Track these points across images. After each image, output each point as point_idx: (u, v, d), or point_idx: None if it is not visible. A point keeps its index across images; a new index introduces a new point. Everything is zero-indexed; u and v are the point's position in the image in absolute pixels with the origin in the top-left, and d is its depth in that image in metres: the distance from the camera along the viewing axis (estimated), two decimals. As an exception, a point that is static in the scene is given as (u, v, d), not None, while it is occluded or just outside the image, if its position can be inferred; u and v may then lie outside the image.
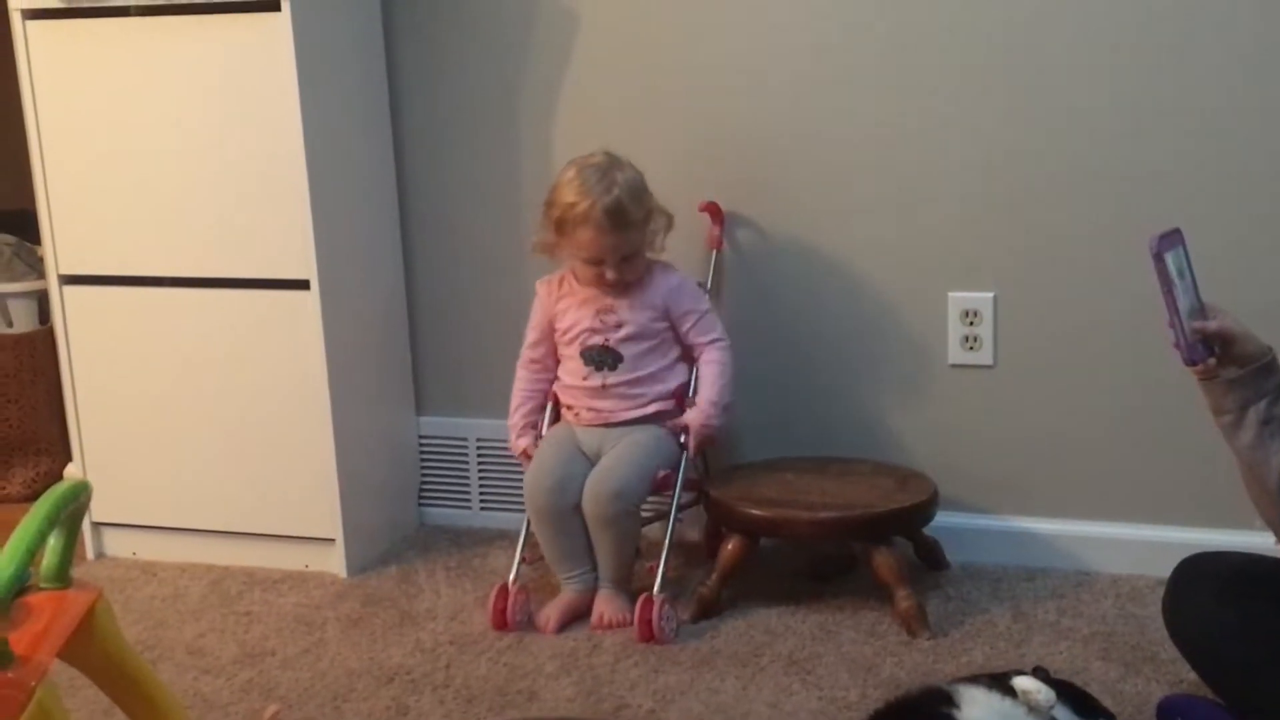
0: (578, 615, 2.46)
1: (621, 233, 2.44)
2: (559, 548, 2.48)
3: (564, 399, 2.60)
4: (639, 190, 2.47)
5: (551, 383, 2.62)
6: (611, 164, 2.47)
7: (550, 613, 2.45)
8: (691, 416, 2.52)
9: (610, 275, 2.47)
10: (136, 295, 2.75)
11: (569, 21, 2.72)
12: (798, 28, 2.60)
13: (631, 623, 2.39)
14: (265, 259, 2.65)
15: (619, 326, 2.51)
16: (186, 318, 2.73)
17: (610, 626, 2.42)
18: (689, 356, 2.58)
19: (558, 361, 2.61)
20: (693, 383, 2.57)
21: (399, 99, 2.85)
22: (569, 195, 2.45)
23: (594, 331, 2.53)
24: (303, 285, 2.63)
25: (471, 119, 2.82)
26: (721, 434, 2.60)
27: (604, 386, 2.53)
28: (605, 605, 2.45)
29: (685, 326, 2.54)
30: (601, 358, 2.53)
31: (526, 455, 2.56)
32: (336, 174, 2.67)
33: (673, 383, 2.55)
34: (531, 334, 2.62)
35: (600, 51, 2.72)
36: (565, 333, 2.56)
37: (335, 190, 2.66)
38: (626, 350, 2.52)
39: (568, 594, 2.48)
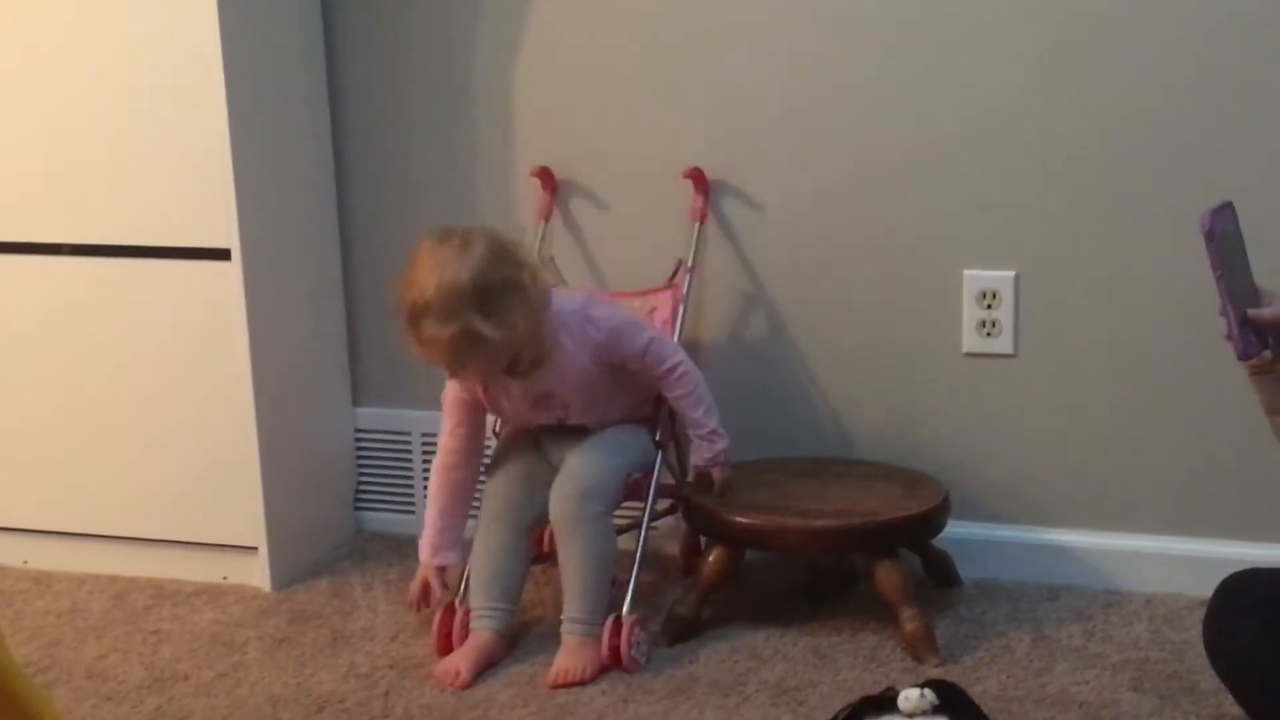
0: (492, 663, 2.39)
1: (460, 358, 2.30)
2: (491, 567, 2.44)
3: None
4: (465, 294, 2.23)
5: (477, 474, 2.55)
6: (454, 251, 2.26)
7: (459, 663, 2.35)
8: (696, 458, 2.53)
9: (481, 394, 2.46)
10: (27, 265, 2.73)
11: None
12: (794, -35, 2.61)
13: (589, 679, 2.32)
14: (179, 224, 2.64)
15: (566, 406, 2.48)
16: (87, 291, 2.72)
17: (572, 683, 2.32)
18: None
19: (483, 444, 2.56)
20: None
21: (336, 52, 2.84)
22: (401, 285, 2.30)
23: (539, 416, 2.50)
24: (222, 255, 2.62)
25: (419, 77, 2.82)
26: (732, 454, 2.54)
27: (560, 422, 2.51)
28: (571, 658, 2.35)
29: (634, 368, 2.48)
30: (554, 425, 2.51)
31: (424, 590, 2.48)
32: (263, 126, 2.66)
33: (642, 389, 2.53)
34: (449, 420, 2.51)
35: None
36: (502, 420, 2.57)
37: (261, 145, 2.65)
38: (580, 413, 2.48)
39: (481, 634, 2.40)
